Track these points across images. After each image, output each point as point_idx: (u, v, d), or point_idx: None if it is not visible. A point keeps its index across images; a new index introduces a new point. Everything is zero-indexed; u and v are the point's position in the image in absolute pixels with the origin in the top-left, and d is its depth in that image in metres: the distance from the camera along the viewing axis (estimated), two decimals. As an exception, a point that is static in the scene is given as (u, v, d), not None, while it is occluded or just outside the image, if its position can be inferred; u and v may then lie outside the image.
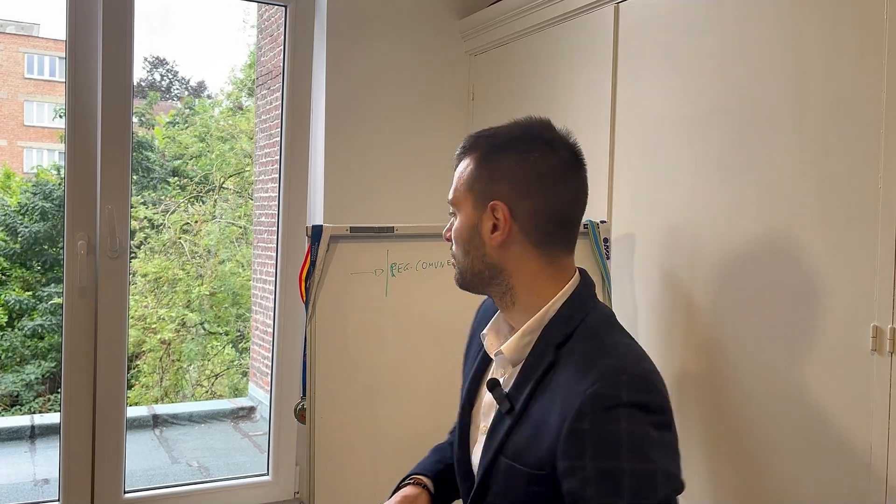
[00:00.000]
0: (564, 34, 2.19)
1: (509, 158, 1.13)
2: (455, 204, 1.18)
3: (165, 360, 7.86)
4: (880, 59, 1.36)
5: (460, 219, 1.17)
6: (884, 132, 1.36)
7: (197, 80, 12.06)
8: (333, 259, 1.87)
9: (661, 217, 1.86)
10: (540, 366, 1.09)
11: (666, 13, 1.85)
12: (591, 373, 1.01)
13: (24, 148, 14.24)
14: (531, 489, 1.06)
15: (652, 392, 1.02)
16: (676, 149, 1.81)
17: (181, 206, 8.44)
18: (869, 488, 1.38)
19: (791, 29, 1.54)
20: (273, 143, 5.81)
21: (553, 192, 1.13)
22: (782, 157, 1.55)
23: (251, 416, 5.77)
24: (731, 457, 1.67)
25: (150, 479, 4.26)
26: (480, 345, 1.25)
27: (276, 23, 5.93)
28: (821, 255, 1.47)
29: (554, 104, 2.23)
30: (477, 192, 1.14)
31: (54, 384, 8.08)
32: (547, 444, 1.03)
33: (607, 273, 1.94)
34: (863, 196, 1.39)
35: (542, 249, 1.14)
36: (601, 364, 1.02)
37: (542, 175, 1.12)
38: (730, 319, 1.67)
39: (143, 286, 7.93)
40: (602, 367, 1.01)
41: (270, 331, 2.53)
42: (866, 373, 1.38)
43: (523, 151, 1.13)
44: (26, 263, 8.63)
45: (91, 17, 2.14)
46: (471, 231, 1.15)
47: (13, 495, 4.07)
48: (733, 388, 1.66)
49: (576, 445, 0.98)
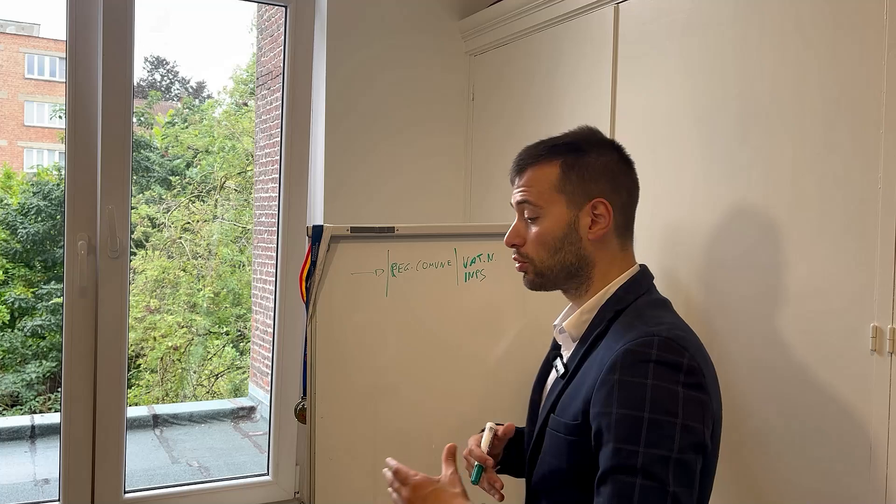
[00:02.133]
0: (564, 34, 2.19)
1: (594, 159, 1.28)
2: (539, 207, 1.28)
3: (166, 361, 7.87)
4: (880, 59, 1.36)
5: (548, 220, 1.28)
6: (884, 132, 1.36)
7: (197, 81, 12.06)
8: (334, 259, 1.87)
9: (660, 217, 1.86)
10: (591, 336, 1.24)
11: (666, 13, 1.85)
12: (629, 334, 1.15)
13: (24, 148, 14.24)
14: (569, 439, 1.19)
15: (683, 354, 1.11)
16: (676, 149, 1.81)
17: (182, 206, 8.44)
18: (869, 488, 1.38)
19: (791, 29, 1.54)
20: (273, 143, 5.81)
21: (629, 185, 1.32)
22: (782, 157, 1.55)
23: (251, 416, 5.78)
24: (731, 456, 1.67)
25: (150, 479, 4.27)
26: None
27: (276, 23, 5.93)
28: (821, 255, 1.47)
29: (554, 104, 2.23)
30: (569, 192, 1.27)
31: (55, 384, 8.08)
32: (583, 395, 1.17)
33: (607, 273, 1.94)
34: (863, 196, 1.39)
35: (621, 239, 1.31)
36: (638, 328, 1.16)
37: (622, 171, 1.31)
38: (730, 319, 1.67)
39: (144, 286, 7.93)
40: (639, 330, 1.15)
41: (270, 331, 2.53)
42: (866, 373, 1.38)
43: (601, 153, 1.30)
44: (27, 263, 8.63)
45: (91, 17, 2.14)
46: (566, 229, 1.27)
47: (13, 495, 4.08)
48: (733, 388, 1.66)
49: (606, 393, 1.10)
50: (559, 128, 2.19)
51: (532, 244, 1.29)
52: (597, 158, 1.29)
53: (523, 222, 1.31)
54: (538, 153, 1.31)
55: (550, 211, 1.28)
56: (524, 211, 1.31)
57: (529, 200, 1.29)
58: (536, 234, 1.29)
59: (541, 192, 1.28)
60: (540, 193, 1.28)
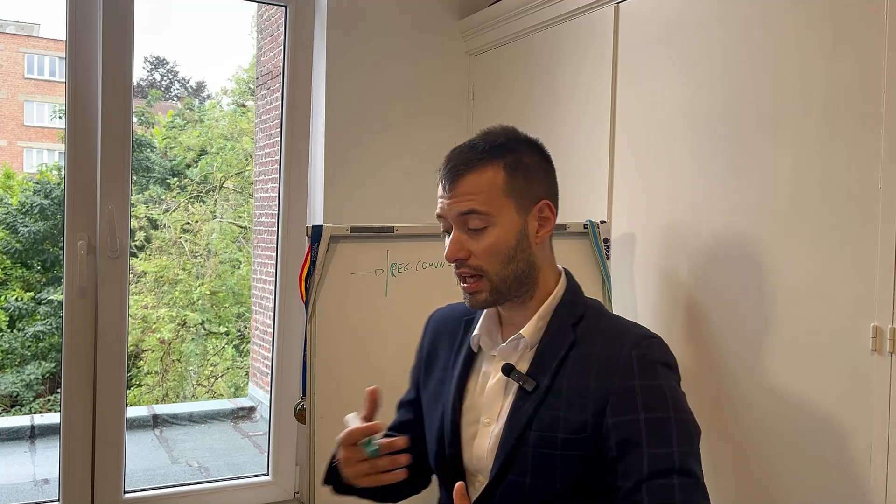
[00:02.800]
0: (564, 34, 2.19)
1: (529, 159, 1.21)
2: (489, 215, 1.17)
3: (166, 361, 7.86)
4: (880, 59, 1.36)
5: (499, 228, 1.18)
6: (884, 132, 1.36)
7: (197, 80, 12.06)
8: (333, 259, 1.87)
9: (661, 217, 1.86)
10: (561, 345, 1.19)
11: (666, 13, 1.85)
12: (627, 340, 1.15)
13: (24, 148, 14.24)
14: (567, 454, 1.13)
15: (671, 354, 1.17)
16: (677, 148, 1.81)
17: (181, 206, 8.44)
18: (869, 488, 1.38)
19: (791, 29, 1.54)
20: (273, 143, 5.81)
21: (556, 183, 1.27)
22: (782, 157, 1.55)
23: (251, 416, 5.78)
24: (731, 456, 1.67)
25: (150, 479, 4.27)
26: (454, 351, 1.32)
27: (276, 23, 5.93)
28: (821, 255, 1.47)
29: (554, 104, 2.23)
30: (517, 196, 1.19)
31: (54, 384, 8.08)
32: (592, 406, 1.11)
33: (607, 273, 1.94)
34: (863, 196, 1.39)
35: (551, 240, 1.26)
36: (632, 333, 1.17)
37: (551, 169, 1.26)
38: (730, 319, 1.67)
39: (144, 285, 7.93)
40: (634, 335, 1.16)
41: (270, 331, 2.53)
42: (866, 373, 1.38)
43: (532, 151, 1.23)
44: (26, 263, 8.63)
45: (91, 17, 2.14)
46: (518, 236, 1.19)
47: (13, 495, 4.08)
48: (733, 388, 1.66)
49: (627, 400, 1.09)
50: (559, 128, 2.20)
51: (484, 256, 1.18)
52: (531, 158, 1.21)
53: (464, 234, 1.19)
54: (476, 156, 1.18)
55: (501, 218, 1.17)
56: (466, 222, 1.18)
57: (477, 209, 1.16)
58: (489, 244, 1.17)
59: (489, 199, 1.17)
60: (488, 200, 1.17)
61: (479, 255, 1.18)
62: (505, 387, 1.22)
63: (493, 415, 1.22)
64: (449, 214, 1.20)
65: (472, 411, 1.25)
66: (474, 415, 1.25)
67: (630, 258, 1.96)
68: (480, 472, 1.22)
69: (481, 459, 1.22)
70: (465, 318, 1.34)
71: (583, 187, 2.11)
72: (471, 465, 1.24)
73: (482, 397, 1.25)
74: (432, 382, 1.34)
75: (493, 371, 1.24)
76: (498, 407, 1.22)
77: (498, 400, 1.22)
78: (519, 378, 1.19)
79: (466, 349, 1.29)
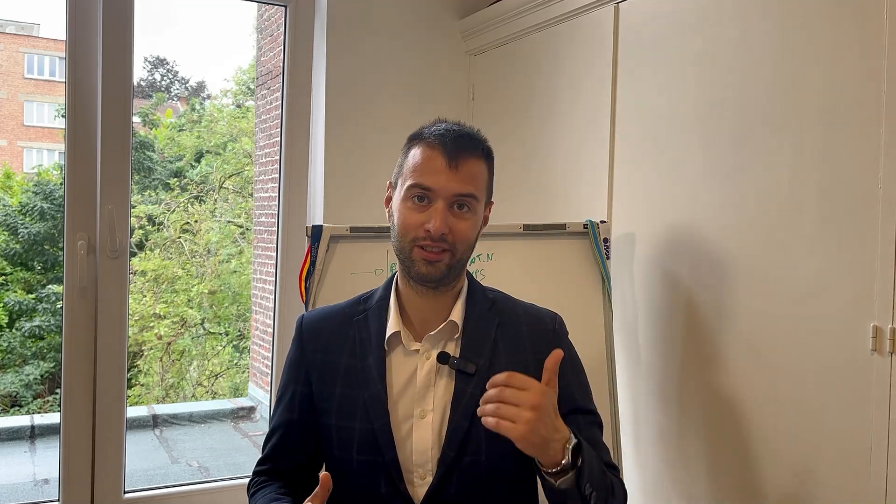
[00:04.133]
0: (564, 34, 2.19)
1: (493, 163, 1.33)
2: (477, 202, 1.26)
3: (166, 361, 7.86)
4: (880, 59, 1.36)
5: (476, 217, 1.26)
6: (884, 132, 1.36)
7: (197, 81, 12.06)
8: (333, 259, 1.87)
9: (661, 217, 1.86)
10: (489, 326, 1.29)
11: (666, 13, 1.85)
12: (543, 317, 1.33)
13: (24, 148, 14.24)
14: None
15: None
16: (676, 148, 1.81)
17: (181, 206, 8.44)
18: (869, 488, 1.38)
19: (791, 28, 1.54)
20: (273, 143, 5.81)
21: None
22: (782, 157, 1.55)
23: (251, 416, 5.78)
24: (731, 456, 1.67)
25: (150, 479, 4.27)
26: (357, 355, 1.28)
27: (276, 23, 5.93)
28: (821, 255, 1.47)
29: (554, 104, 2.23)
30: (487, 193, 1.30)
31: (53, 384, 8.08)
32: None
33: (607, 273, 1.94)
34: (863, 196, 1.39)
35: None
36: (542, 311, 1.35)
37: None
38: (730, 319, 1.67)
39: (143, 285, 7.93)
40: (546, 313, 1.35)
41: (270, 331, 2.53)
42: (866, 373, 1.38)
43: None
44: (26, 264, 8.63)
45: (91, 17, 2.14)
46: (479, 227, 1.29)
47: (13, 495, 4.08)
48: (733, 387, 1.66)
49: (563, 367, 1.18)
50: (559, 128, 2.20)
51: (460, 237, 1.23)
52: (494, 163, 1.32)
53: (448, 212, 1.22)
54: (477, 145, 1.26)
55: (478, 207, 1.26)
56: (458, 202, 1.22)
57: (475, 195, 1.23)
58: (468, 227, 1.24)
59: (481, 189, 1.26)
60: (481, 189, 1.26)
61: (457, 233, 1.23)
62: (434, 376, 1.25)
63: (428, 406, 1.24)
64: (444, 190, 1.21)
65: (399, 408, 1.25)
66: (403, 411, 1.25)
67: (630, 258, 1.96)
68: (421, 466, 1.23)
69: (424, 452, 1.23)
70: (354, 318, 1.32)
71: (583, 187, 2.11)
72: (409, 462, 1.23)
73: (408, 392, 1.25)
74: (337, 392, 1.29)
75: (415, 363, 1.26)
76: (431, 397, 1.25)
77: (429, 390, 1.25)
78: (458, 364, 1.24)
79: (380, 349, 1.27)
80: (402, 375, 1.27)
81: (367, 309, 1.32)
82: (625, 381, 1.96)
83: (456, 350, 1.26)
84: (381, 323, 1.29)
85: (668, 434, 1.84)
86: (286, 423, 1.33)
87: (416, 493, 1.23)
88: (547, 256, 1.90)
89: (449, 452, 1.21)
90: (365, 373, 1.27)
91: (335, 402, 1.28)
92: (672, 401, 1.83)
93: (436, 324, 1.28)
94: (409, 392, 1.26)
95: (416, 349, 1.27)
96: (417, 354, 1.27)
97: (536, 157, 2.30)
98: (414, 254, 1.23)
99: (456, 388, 1.24)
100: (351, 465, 1.25)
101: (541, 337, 1.29)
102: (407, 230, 1.23)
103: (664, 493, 1.84)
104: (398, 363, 1.27)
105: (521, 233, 1.91)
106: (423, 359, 1.27)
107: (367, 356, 1.28)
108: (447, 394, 1.24)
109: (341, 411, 1.27)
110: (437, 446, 1.23)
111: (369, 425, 1.24)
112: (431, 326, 1.28)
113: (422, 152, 1.24)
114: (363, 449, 1.24)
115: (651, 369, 1.89)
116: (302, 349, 1.34)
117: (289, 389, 1.33)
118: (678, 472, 1.81)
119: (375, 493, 1.24)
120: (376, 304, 1.32)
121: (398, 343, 1.28)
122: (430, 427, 1.24)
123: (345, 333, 1.31)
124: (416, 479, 1.23)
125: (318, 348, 1.32)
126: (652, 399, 1.89)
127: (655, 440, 1.87)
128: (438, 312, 1.28)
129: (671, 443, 1.83)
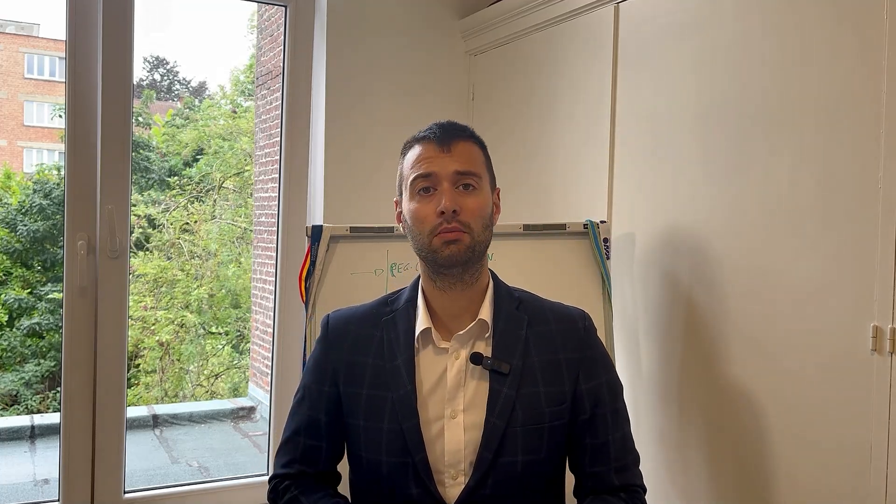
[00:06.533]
0: (564, 34, 2.19)
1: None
2: (479, 178, 1.27)
3: (165, 361, 7.86)
4: (880, 60, 1.36)
5: (483, 194, 1.27)
6: (884, 132, 1.36)
7: (198, 81, 12.06)
8: (333, 259, 1.87)
9: (661, 217, 1.86)
10: (519, 326, 1.28)
11: (666, 13, 1.85)
12: (572, 315, 1.33)
13: (24, 148, 14.24)
14: (553, 425, 1.25)
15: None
16: (677, 148, 1.81)
17: (181, 206, 8.44)
18: (869, 488, 1.38)
19: (791, 28, 1.54)
20: (273, 143, 5.81)
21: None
22: (783, 157, 1.55)
23: (251, 416, 5.78)
24: (732, 456, 1.67)
25: (150, 479, 4.27)
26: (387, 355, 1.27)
27: (276, 23, 5.93)
28: (821, 255, 1.47)
29: (554, 104, 2.23)
30: (489, 173, 1.32)
31: (53, 383, 8.08)
32: (567, 376, 1.26)
33: (607, 273, 1.94)
34: (863, 196, 1.39)
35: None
36: (570, 310, 1.35)
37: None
38: (730, 319, 1.67)
39: (143, 286, 7.93)
40: (574, 311, 1.34)
41: (270, 331, 2.53)
42: (866, 373, 1.38)
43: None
44: (26, 263, 8.63)
45: (91, 17, 2.14)
46: (490, 207, 1.29)
47: (13, 495, 4.08)
48: (733, 388, 1.66)
49: (594, 368, 1.27)
50: (559, 127, 2.20)
51: (471, 214, 1.23)
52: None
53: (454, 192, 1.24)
54: (462, 130, 1.30)
55: (484, 184, 1.28)
56: (460, 180, 1.24)
57: (475, 172, 1.26)
58: (479, 203, 1.25)
59: (478, 165, 1.28)
60: (478, 166, 1.28)
61: (468, 211, 1.23)
62: (465, 375, 1.24)
63: (459, 406, 1.23)
64: (444, 171, 1.24)
65: (429, 408, 1.24)
66: (433, 412, 1.24)
67: (630, 258, 1.96)
68: (453, 467, 1.22)
69: (456, 453, 1.22)
70: (382, 318, 1.31)
71: (583, 187, 2.11)
72: (440, 463, 1.22)
73: (438, 392, 1.24)
74: (364, 393, 1.28)
75: (445, 363, 1.25)
76: (461, 397, 1.24)
77: (460, 390, 1.24)
78: (491, 364, 1.24)
79: (409, 349, 1.26)
80: (432, 375, 1.26)
81: (395, 310, 1.32)
82: (625, 381, 1.95)
83: (487, 349, 1.26)
84: (409, 323, 1.29)
85: (667, 434, 1.84)
86: (313, 424, 1.31)
87: (448, 494, 1.22)
88: (547, 256, 1.90)
89: (486, 454, 1.21)
90: (394, 373, 1.26)
91: (362, 403, 1.27)
92: (672, 401, 1.83)
93: (464, 322, 1.27)
94: (438, 392, 1.25)
95: (445, 348, 1.27)
96: (447, 354, 1.26)
97: (536, 157, 2.30)
98: (433, 243, 1.23)
99: (491, 388, 1.23)
100: (380, 466, 1.24)
101: (571, 336, 1.30)
102: (422, 223, 1.24)
103: (664, 494, 1.84)
104: (427, 362, 1.27)
105: (521, 233, 1.91)
106: (453, 358, 1.26)
107: (396, 356, 1.27)
108: (478, 394, 1.23)
109: (369, 412, 1.26)
110: (470, 447, 1.22)
111: (398, 426, 1.23)
112: (459, 325, 1.27)
113: (415, 150, 1.28)
114: (392, 450, 1.23)
115: (651, 369, 1.89)
116: (327, 349, 1.33)
117: (313, 390, 1.32)
118: (678, 472, 1.81)
119: (406, 495, 1.22)
120: (404, 305, 1.31)
121: (428, 342, 1.28)
122: (462, 427, 1.23)
123: (372, 334, 1.30)
124: (448, 479, 1.22)
125: (345, 349, 1.31)
126: (652, 399, 1.89)
127: (655, 440, 1.87)
128: (466, 310, 1.28)
129: (671, 443, 1.83)
